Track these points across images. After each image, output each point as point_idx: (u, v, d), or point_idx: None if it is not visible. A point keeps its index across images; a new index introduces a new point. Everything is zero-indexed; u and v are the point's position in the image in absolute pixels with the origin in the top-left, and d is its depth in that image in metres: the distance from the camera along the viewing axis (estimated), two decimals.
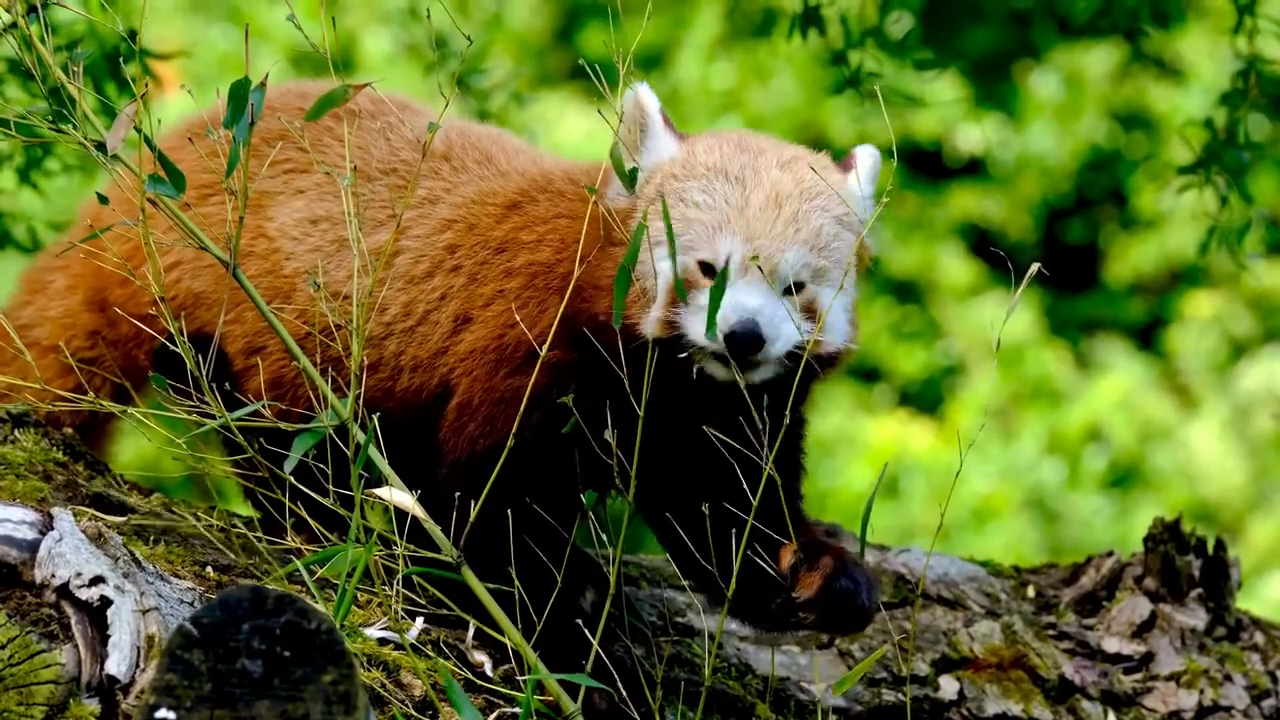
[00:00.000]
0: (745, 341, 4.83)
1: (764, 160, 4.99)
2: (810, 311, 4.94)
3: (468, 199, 5.31)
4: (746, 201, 4.92)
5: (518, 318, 5.05)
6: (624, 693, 4.95)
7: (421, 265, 5.25)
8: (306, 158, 5.41)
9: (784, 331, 4.88)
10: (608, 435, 4.81)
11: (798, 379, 4.85)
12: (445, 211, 5.30)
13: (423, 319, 5.22)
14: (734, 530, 4.85)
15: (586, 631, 4.89)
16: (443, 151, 5.36)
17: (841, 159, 5.16)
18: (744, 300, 4.85)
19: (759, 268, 4.86)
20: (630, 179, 4.96)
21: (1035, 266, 4.70)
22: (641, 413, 4.79)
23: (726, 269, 4.83)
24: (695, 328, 4.87)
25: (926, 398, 14.02)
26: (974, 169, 14.59)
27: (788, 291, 4.90)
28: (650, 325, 4.90)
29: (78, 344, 5.58)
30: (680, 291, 4.85)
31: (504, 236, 5.21)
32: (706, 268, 4.90)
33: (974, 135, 14.40)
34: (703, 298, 4.85)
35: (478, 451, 5.04)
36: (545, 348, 4.90)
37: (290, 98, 5.45)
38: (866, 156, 5.13)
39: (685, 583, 5.24)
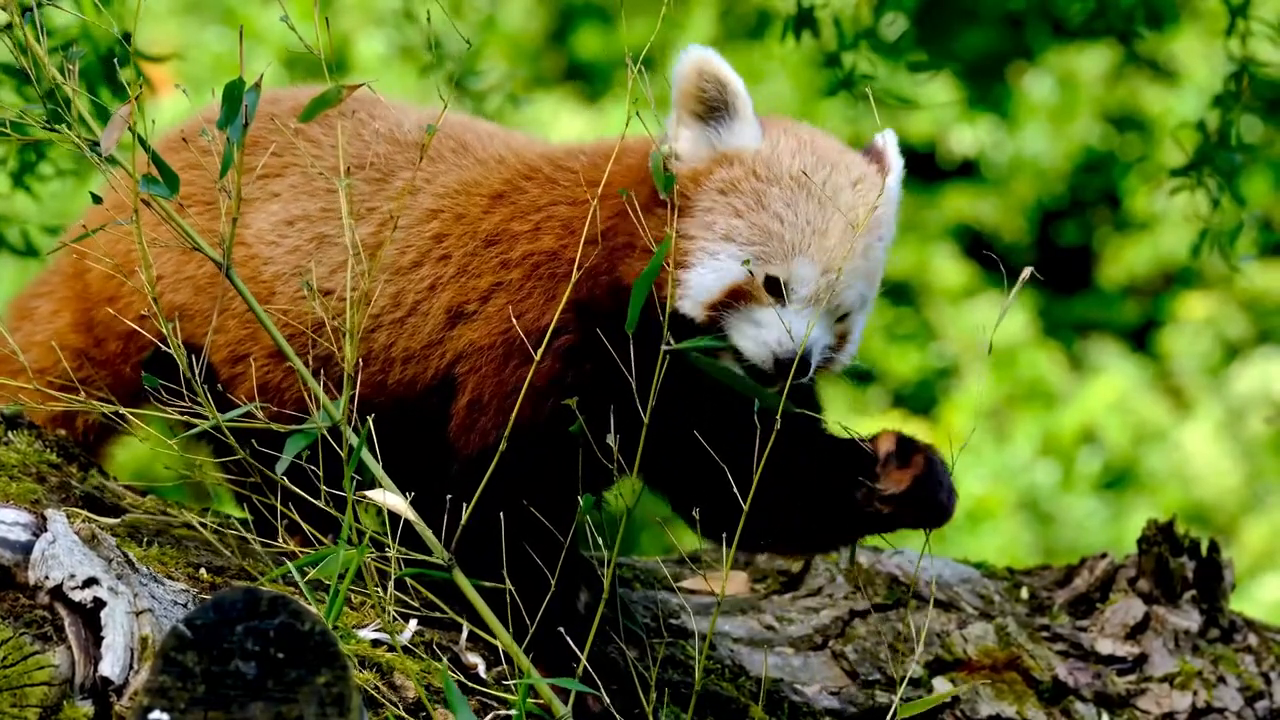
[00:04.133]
0: (788, 369, 4.88)
1: (839, 177, 5.00)
2: (843, 335, 5.04)
3: (450, 188, 5.30)
4: (827, 228, 4.95)
5: (524, 308, 5.06)
6: (614, 696, 4.97)
7: (408, 255, 5.25)
8: (279, 162, 5.41)
9: (820, 360, 4.97)
10: (609, 440, 4.83)
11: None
12: (428, 201, 5.29)
13: (412, 310, 5.22)
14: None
15: (581, 633, 4.90)
16: (415, 141, 5.36)
17: (869, 152, 5.18)
18: (800, 331, 4.89)
19: (826, 300, 4.89)
20: (667, 184, 4.95)
21: (1028, 270, 4.71)
22: (654, 389, 4.82)
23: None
24: (744, 335, 4.92)
25: (920, 399, 14.02)
26: (968, 171, 14.59)
27: (836, 319, 4.97)
28: (691, 308, 4.94)
29: (67, 365, 5.57)
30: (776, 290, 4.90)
31: (494, 229, 5.20)
32: (773, 284, 4.93)
33: (968, 137, 14.41)
34: (760, 313, 4.90)
35: (491, 445, 5.03)
36: (560, 332, 4.96)
37: (263, 104, 5.44)
38: (896, 155, 5.18)
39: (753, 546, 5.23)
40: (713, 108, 5.03)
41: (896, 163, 5.15)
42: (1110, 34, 7.33)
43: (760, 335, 4.91)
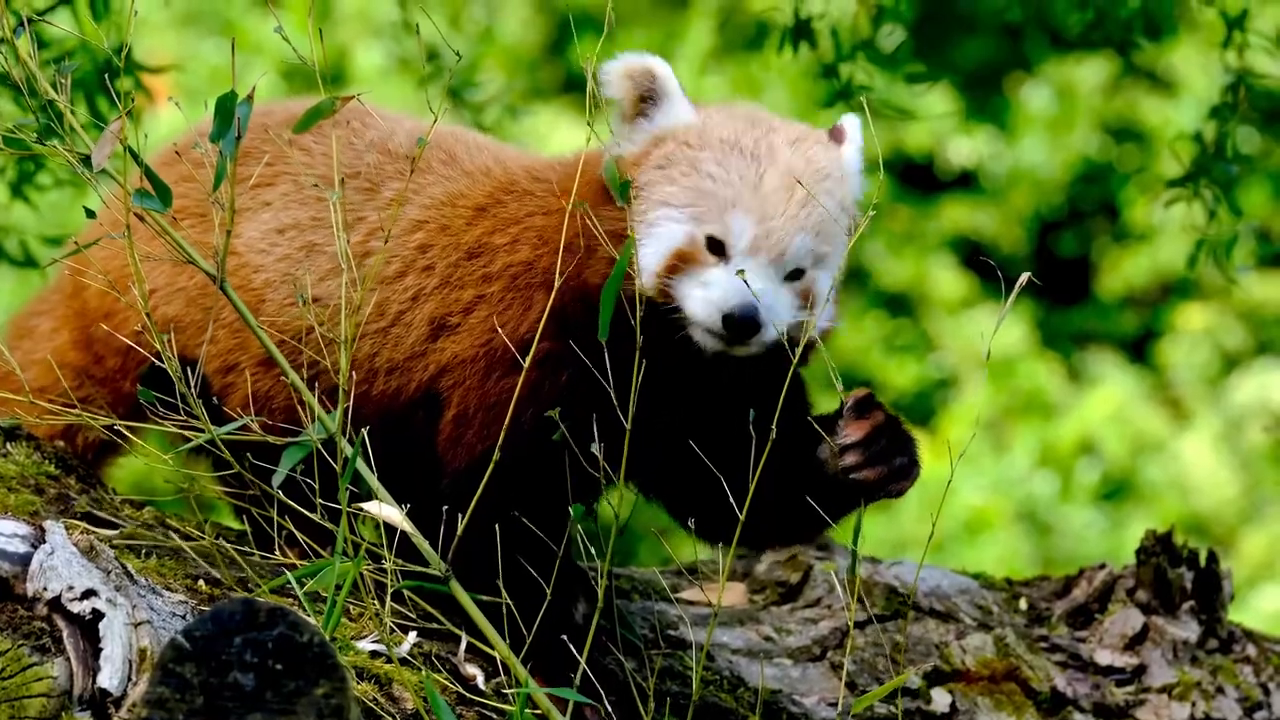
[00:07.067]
0: (743, 325, 4.86)
1: (776, 137, 5.02)
2: (805, 296, 4.97)
3: (437, 200, 5.32)
4: (760, 180, 4.94)
5: (503, 320, 5.07)
6: (613, 707, 4.97)
7: (392, 265, 5.26)
8: (270, 170, 5.42)
9: (779, 318, 4.91)
10: (594, 449, 4.82)
11: (795, 359, 4.87)
12: (415, 212, 5.31)
13: (396, 320, 5.23)
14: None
15: (578, 644, 4.90)
16: (406, 152, 5.37)
17: (831, 131, 5.18)
18: (748, 283, 4.87)
19: (766, 250, 4.89)
20: (622, 191, 4.97)
21: (1025, 276, 4.71)
22: (634, 392, 4.81)
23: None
24: (692, 299, 4.92)
25: (919, 410, 14.00)
26: (966, 182, 14.59)
27: (790, 276, 4.94)
28: (646, 283, 4.94)
29: (67, 383, 5.55)
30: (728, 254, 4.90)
31: (475, 241, 5.22)
32: (714, 243, 4.93)
33: (966, 148, 14.41)
34: (705, 273, 4.90)
35: (477, 458, 5.04)
36: (536, 341, 4.95)
37: (255, 115, 5.43)
38: (855, 128, 5.18)
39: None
40: (645, 98, 5.09)
41: (856, 137, 5.16)
42: (1108, 44, 7.33)
43: (706, 295, 4.90)
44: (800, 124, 5.15)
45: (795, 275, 4.96)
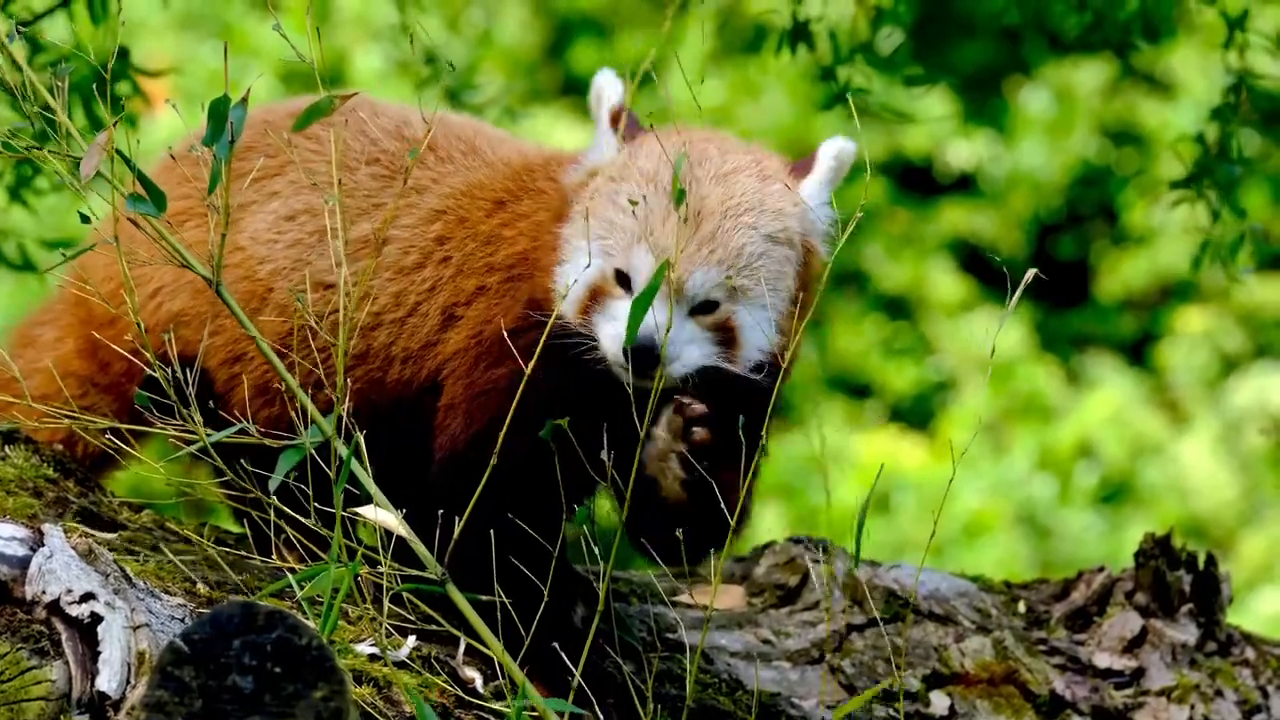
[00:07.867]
0: (641, 358, 4.85)
1: (701, 171, 4.99)
2: (724, 330, 4.96)
3: (456, 190, 5.33)
4: (667, 215, 4.93)
5: (495, 313, 5.10)
6: (611, 710, 4.97)
7: (411, 256, 5.27)
8: (275, 161, 5.40)
9: (685, 353, 4.93)
10: (603, 455, 4.82)
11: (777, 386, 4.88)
12: (434, 202, 5.31)
13: (413, 310, 5.24)
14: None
15: (577, 647, 4.89)
16: (427, 142, 5.37)
17: (804, 159, 5.14)
18: (645, 318, 4.85)
19: (668, 285, 4.88)
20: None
21: (1031, 272, 4.69)
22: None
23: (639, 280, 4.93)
24: (603, 332, 4.95)
25: (917, 414, 14.02)
26: (965, 185, 14.59)
27: (700, 310, 4.93)
28: (569, 312, 4.97)
29: (71, 392, 5.53)
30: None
31: (491, 231, 5.25)
32: (621, 276, 4.95)
33: (965, 151, 14.41)
34: (613, 307, 4.94)
35: (460, 446, 5.06)
36: (510, 331, 4.98)
37: (257, 113, 5.42)
38: (827, 158, 5.10)
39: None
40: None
41: (821, 165, 5.10)
42: (1107, 47, 7.32)
43: (612, 329, 4.93)
44: (749, 155, 5.11)
45: (706, 309, 4.96)
